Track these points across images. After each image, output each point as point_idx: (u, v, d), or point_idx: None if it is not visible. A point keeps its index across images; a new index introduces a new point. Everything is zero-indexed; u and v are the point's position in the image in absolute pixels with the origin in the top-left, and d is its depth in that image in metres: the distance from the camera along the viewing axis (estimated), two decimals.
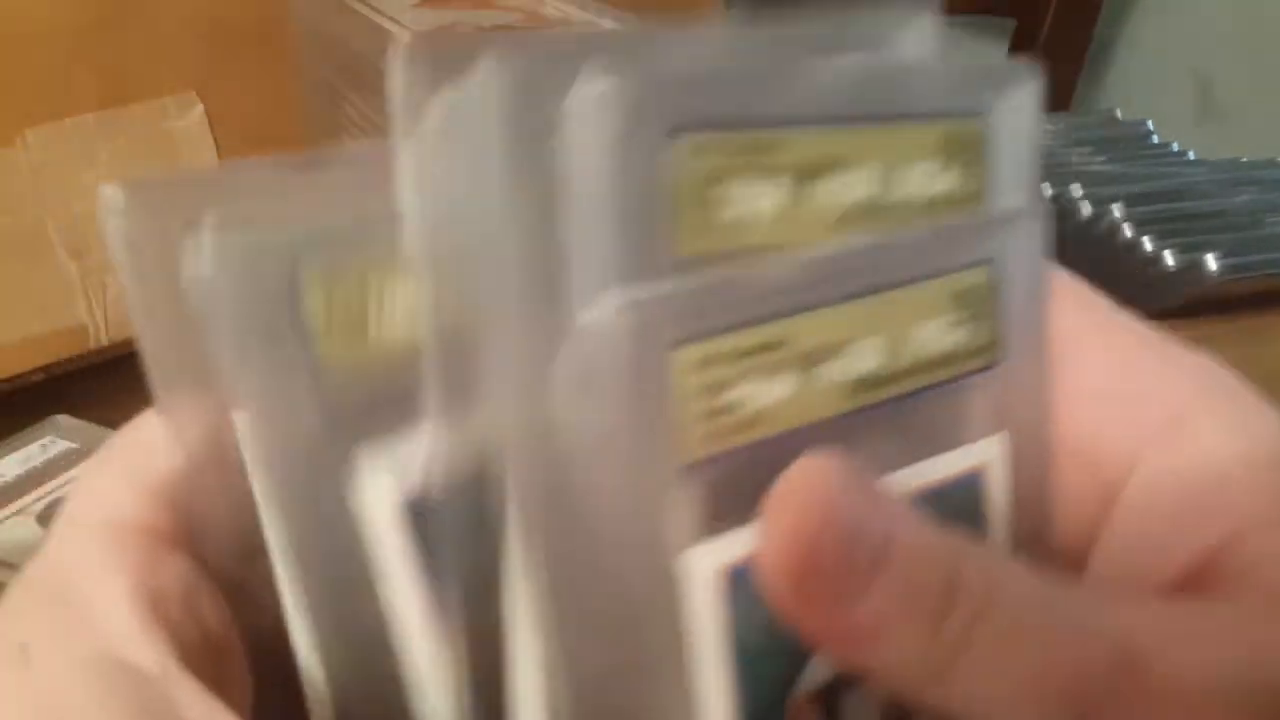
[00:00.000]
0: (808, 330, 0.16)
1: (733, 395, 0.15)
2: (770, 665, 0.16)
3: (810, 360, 0.16)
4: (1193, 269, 0.28)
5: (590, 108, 0.13)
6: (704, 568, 0.15)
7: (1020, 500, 0.18)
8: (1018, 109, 0.18)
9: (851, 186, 0.16)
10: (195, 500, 0.17)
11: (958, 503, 0.18)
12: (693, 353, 0.14)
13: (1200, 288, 0.28)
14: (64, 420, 0.42)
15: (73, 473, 0.39)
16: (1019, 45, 0.87)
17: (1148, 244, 0.30)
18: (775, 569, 0.13)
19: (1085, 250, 0.32)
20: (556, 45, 0.14)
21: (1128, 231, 0.30)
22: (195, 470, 0.17)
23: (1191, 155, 0.38)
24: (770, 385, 0.15)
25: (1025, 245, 0.18)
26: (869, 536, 0.13)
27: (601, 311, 0.13)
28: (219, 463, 0.17)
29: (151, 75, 0.47)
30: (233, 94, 0.49)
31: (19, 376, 0.44)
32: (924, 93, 0.17)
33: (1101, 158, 0.38)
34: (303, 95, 0.44)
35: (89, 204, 0.47)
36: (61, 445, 0.41)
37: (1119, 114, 0.43)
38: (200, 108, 0.49)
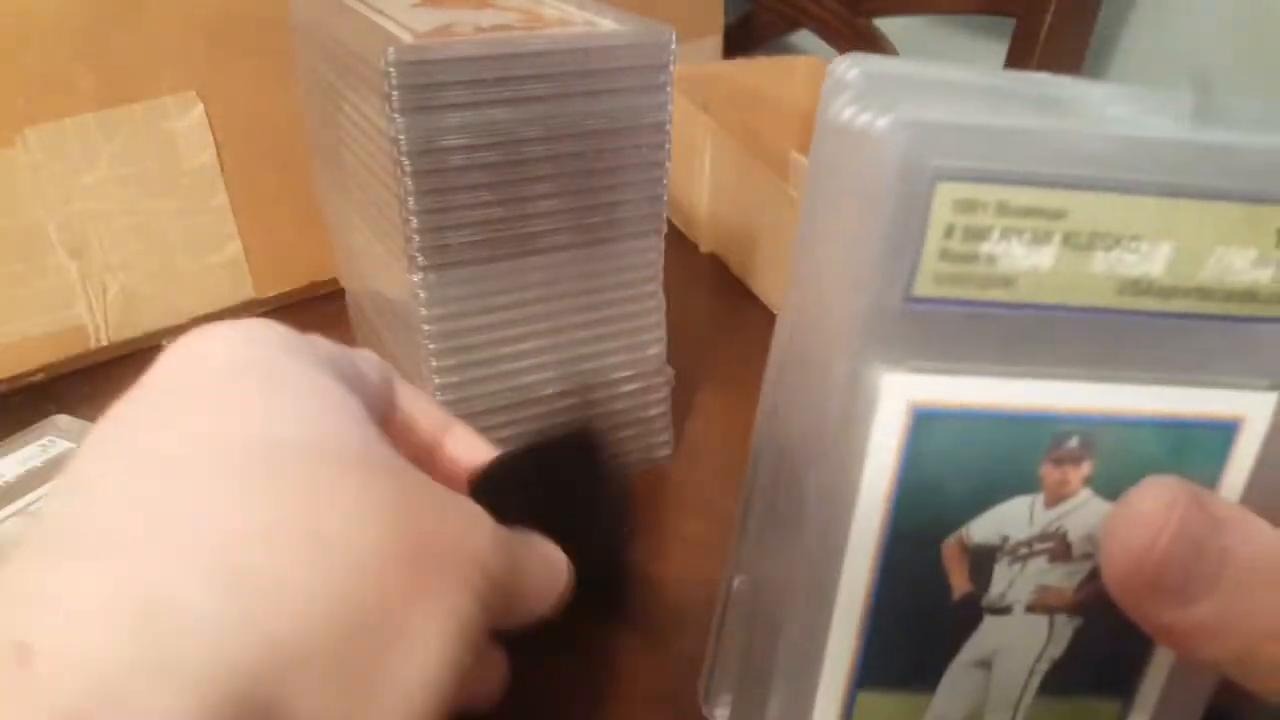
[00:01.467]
0: (1094, 210, 0.15)
1: (990, 247, 0.15)
2: (935, 505, 0.17)
3: (1087, 242, 0.15)
4: None
5: (865, 146, 0.14)
6: (897, 396, 0.16)
7: (1264, 467, 0.18)
8: None
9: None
10: None
11: (1199, 444, 0.17)
12: (960, 190, 0.14)
13: None
14: (64, 420, 0.42)
15: None
16: (1019, 45, 0.87)
17: None
18: (1124, 578, 0.16)
19: None
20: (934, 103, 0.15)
21: None
22: None
23: None
24: (1033, 252, 0.15)
25: None
26: (1208, 552, 0.15)
27: (889, 125, 0.14)
28: None
29: (151, 75, 0.47)
30: (233, 94, 0.49)
31: (19, 376, 0.44)
32: (1272, 173, 0.15)
33: None
34: (303, 95, 0.44)
35: (89, 204, 0.47)
36: (61, 445, 0.41)
37: None
38: (200, 108, 0.49)
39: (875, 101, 0.15)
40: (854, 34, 1.00)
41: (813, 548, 0.18)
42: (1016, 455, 0.17)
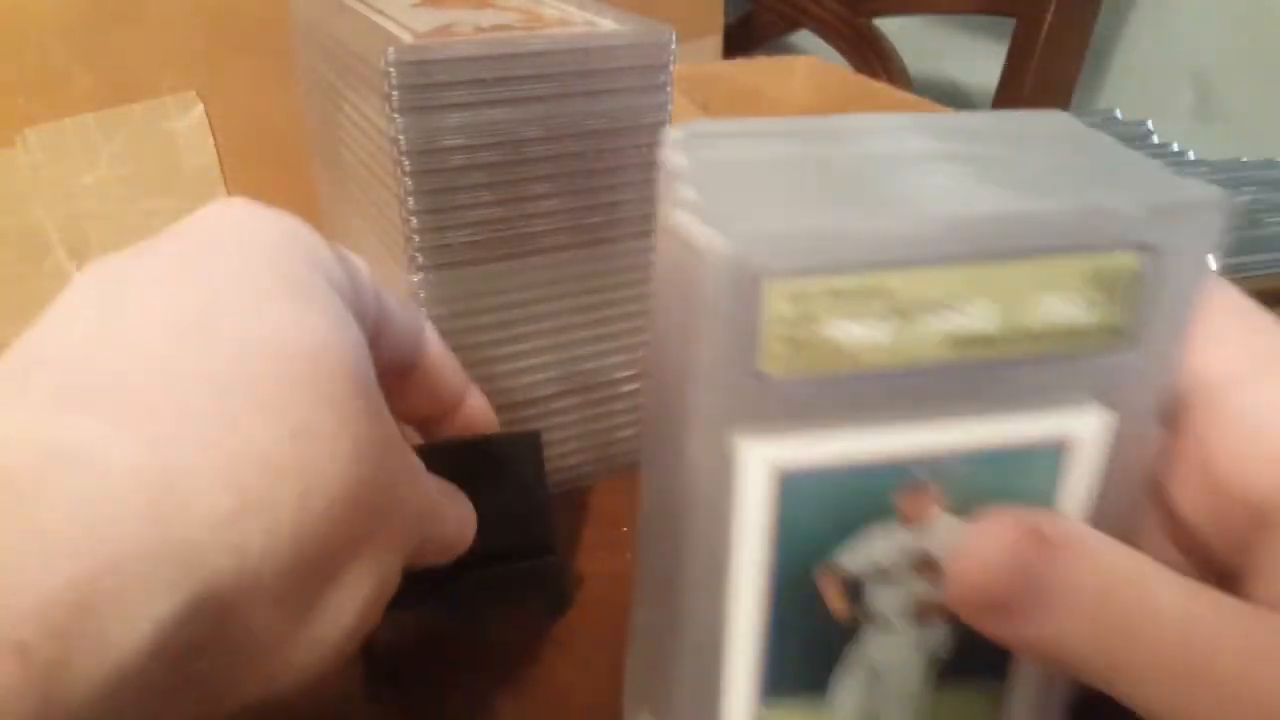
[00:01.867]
0: (914, 284, 0.17)
1: (826, 329, 0.17)
2: (807, 547, 0.19)
3: (911, 311, 0.17)
4: None
5: (698, 258, 0.16)
6: (758, 463, 0.18)
7: (1113, 481, 0.19)
8: (1192, 242, 0.17)
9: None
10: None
11: (1037, 465, 0.19)
12: (790, 286, 0.16)
13: None
14: None
15: None
16: (1019, 45, 0.87)
17: None
18: (966, 610, 0.18)
19: None
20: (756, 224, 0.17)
21: None
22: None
23: (1191, 155, 0.38)
24: (863, 327, 0.17)
25: (1199, 237, 0.17)
26: (1043, 578, 0.17)
27: (716, 237, 0.16)
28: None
29: (151, 75, 0.47)
30: (233, 94, 0.49)
31: None
32: (1080, 226, 0.17)
33: None
34: (303, 95, 0.44)
35: (89, 204, 0.47)
36: None
37: (1119, 114, 0.43)
38: (200, 108, 0.49)
39: (705, 210, 0.17)
40: (854, 34, 1.00)
41: (699, 597, 0.20)
42: (875, 496, 0.19)
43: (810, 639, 0.21)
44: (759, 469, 0.18)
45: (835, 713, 0.21)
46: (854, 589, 0.20)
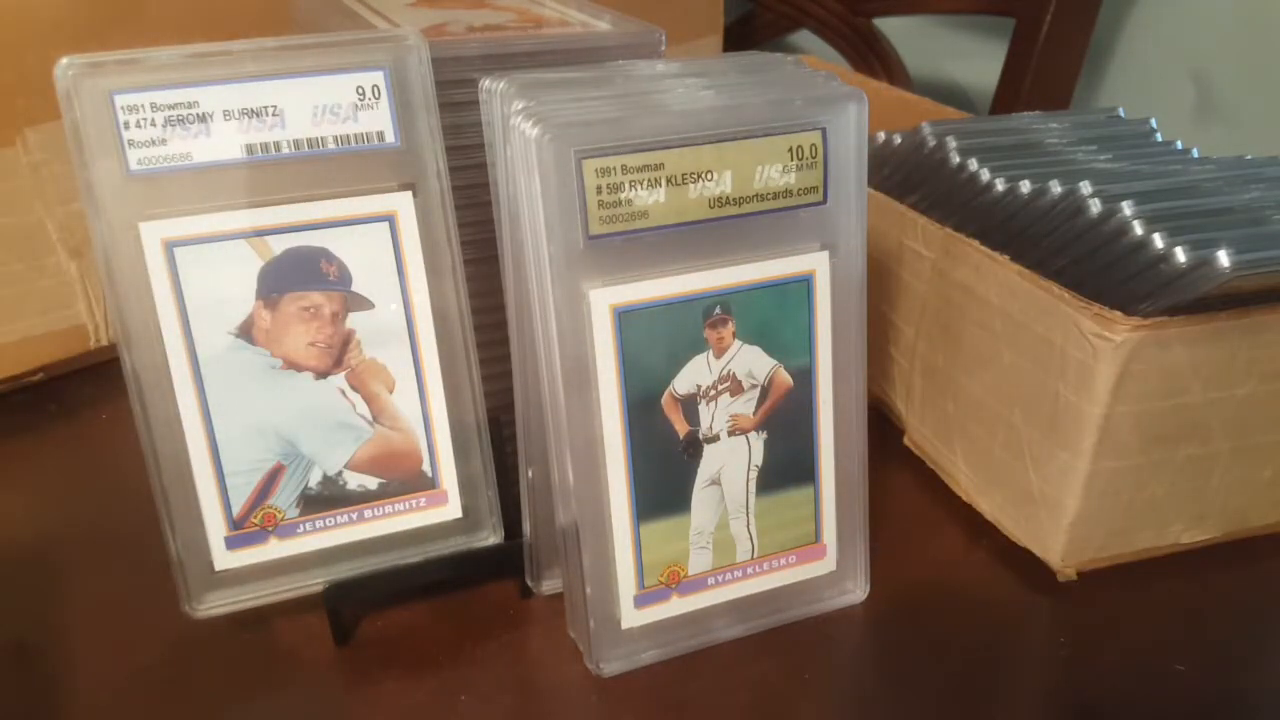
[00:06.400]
0: (677, 160, 0.25)
1: (625, 194, 0.25)
2: (647, 371, 0.26)
3: (681, 180, 0.25)
4: (1204, 265, 0.28)
5: (532, 147, 0.24)
6: (602, 304, 0.25)
7: (840, 305, 0.28)
8: (846, 123, 0.27)
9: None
10: None
11: (793, 293, 0.27)
12: (597, 163, 0.24)
13: (1212, 284, 0.28)
14: None
15: None
16: (1019, 45, 0.87)
17: (1158, 241, 0.29)
18: None
19: (1096, 249, 0.32)
20: (568, 115, 0.25)
21: (1138, 229, 0.30)
22: None
23: (1195, 153, 0.38)
24: (651, 193, 0.25)
25: (850, 119, 0.26)
26: None
27: (542, 131, 0.24)
28: None
29: None
30: None
31: (19, 376, 0.44)
32: (775, 115, 0.26)
33: (1106, 155, 0.37)
34: None
35: None
36: None
37: (1122, 112, 0.42)
38: None
39: (535, 115, 0.24)
40: (854, 34, 1.00)
41: (576, 427, 0.26)
42: (687, 326, 0.27)
43: (666, 464, 0.27)
44: (601, 308, 0.25)
45: (692, 523, 0.28)
46: (689, 410, 0.27)
